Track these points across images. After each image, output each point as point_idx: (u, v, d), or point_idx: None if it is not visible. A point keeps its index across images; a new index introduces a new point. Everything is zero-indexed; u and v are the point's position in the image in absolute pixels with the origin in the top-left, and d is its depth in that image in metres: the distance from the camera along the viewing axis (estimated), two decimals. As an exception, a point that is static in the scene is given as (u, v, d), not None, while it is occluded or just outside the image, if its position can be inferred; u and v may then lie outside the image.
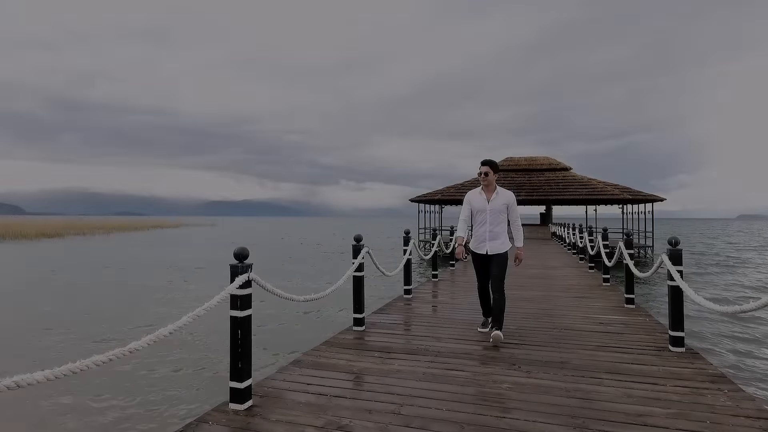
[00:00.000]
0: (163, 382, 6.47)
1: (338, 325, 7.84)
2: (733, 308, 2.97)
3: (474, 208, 4.90)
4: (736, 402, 3.24)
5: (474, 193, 4.98)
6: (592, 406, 3.17)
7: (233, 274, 3.12)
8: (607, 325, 5.55)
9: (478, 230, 4.91)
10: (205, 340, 8.50)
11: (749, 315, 10.57)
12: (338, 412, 3.07)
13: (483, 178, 4.85)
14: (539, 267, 12.24)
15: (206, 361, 7.38)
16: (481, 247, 4.89)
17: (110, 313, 11.07)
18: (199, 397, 5.89)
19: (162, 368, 7.04)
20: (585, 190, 31.27)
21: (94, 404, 5.69)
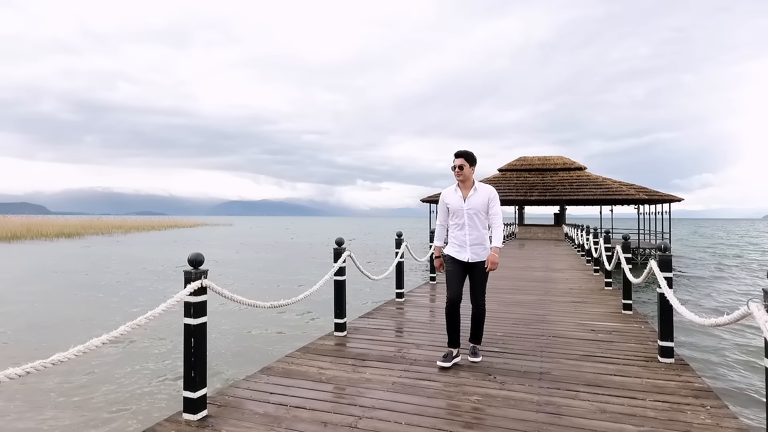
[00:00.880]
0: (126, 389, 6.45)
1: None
2: (709, 320, 2.78)
3: (450, 209, 4.22)
4: (717, 420, 3.04)
5: (449, 191, 4.24)
6: (559, 422, 3.00)
7: (186, 280, 3.03)
8: (598, 332, 5.35)
9: (456, 234, 4.19)
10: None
11: (727, 328, 10.19)
12: (293, 425, 2.96)
13: (457, 173, 4.11)
14: (543, 269, 11.98)
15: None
16: (461, 253, 4.17)
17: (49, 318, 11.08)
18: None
19: (132, 376, 7.03)
20: (599, 190, 30.69)
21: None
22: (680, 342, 8.87)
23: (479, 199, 4.12)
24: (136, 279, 17.35)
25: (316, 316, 10.73)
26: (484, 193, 4.15)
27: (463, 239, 4.16)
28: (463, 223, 4.14)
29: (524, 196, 31.76)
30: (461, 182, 4.16)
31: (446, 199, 4.24)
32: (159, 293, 14.10)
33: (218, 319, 10.37)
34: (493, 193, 4.20)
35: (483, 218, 4.15)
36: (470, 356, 4.23)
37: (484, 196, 4.14)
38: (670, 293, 3.86)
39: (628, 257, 6.42)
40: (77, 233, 47.31)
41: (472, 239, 4.13)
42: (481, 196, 4.13)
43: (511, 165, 35.93)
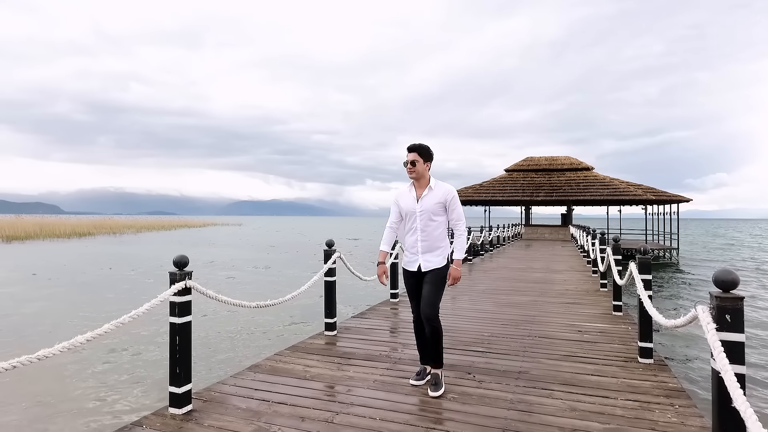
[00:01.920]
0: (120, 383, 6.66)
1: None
2: (669, 322, 2.87)
3: (402, 210, 3.71)
4: (683, 419, 3.13)
5: (402, 191, 3.76)
6: (529, 419, 3.12)
7: (171, 281, 3.19)
8: (584, 333, 5.43)
9: (407, 240, 3.70)
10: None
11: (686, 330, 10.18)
12: (272, 419, 3.11)
13: (409, 170, 3.60)
14: (543, 270, 12.03)
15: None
16: (412, 262, 3.67)
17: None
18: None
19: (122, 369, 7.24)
20: (607, 190, 30.51)
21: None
22: (691, 342, 8.89)
23: (434, 199, 3.59)
24: (135, 278, 17.67)
25: (313, 317, 10.91)
26: (440, 193, 3.61)
27: (414, 246, 3.65)
28: (416, 228, 3.63)
29: (531, 196, 31.68)
30: (415, 180, 3.67)
31: (398, 200, 3.74)
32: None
33: (214, 320, 10.59)
34: (452, 194, 3.63)
35: (439, 222, 3.62)
36: (430, 388, 3.53)
37: (440, 196, 3.60)
38: (645, 295, 3.95)
39: (618, 258, 6.48)
40: (89, 233, 48.07)
41: (424, 246, 3.62)
42: (437, 197, 3.60)
43: (518, 165, 35.85)
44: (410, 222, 3.67)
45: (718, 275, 2.25)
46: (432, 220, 3.60)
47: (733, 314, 2.18)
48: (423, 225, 3.61)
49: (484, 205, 34.75)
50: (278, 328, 10.08)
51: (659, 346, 8.54)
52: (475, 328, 5.67)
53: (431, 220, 3.60)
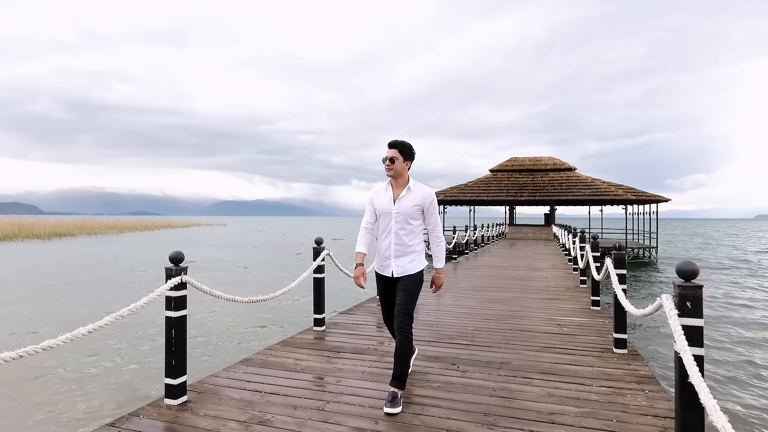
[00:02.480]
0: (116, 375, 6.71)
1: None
2: (638, 311, 3.09)
3: (377, 210, 3.48)
4: (652, 402, 3.35)
5: (379, 189, 3.54)
6: (509, 405, 3.30)
7: (167, 276, 3.30)
8: (563, 326, 5.66)
9: (381, 242, 3.48)
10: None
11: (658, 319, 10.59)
12: (265, 408, 3.24)
13: (387, 167, 3.38)
14: (526, 268, 12.31)
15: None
16: (385, 266, 3.46)
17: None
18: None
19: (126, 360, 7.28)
20: (588, 190, 31.12)
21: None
22: (669, 339, 9.22)
23: (412, 201, 3.39)
24: (119, 278, 17.55)
25: (302, 313, 11.01)
26: (419, 196, 3.40)
27: (388, 250, 3.44)
28: (390, 230, 3.41)
29: (515, 196, 32.15)
30: (392, 179, 3.46)
31: (374, 199, 3.51)
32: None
33: (206, 315, 10.62)
34: (431, 198, 3.43)
35: (415, 226, 3.42)
36: (386, 405, 3.17)
37: (419, 199, 3.40)
38: (620, 288, 4.17)
39: (596, 256, 6.74)
40: (70, 233, 47.27)
41: (398, 250, 3.41)
42: (415, 199, 3.39)
43: (503, 165, 36.33)
44: (384, 223, 3.44)
45: (681, 266, 2.46)
46: (408, 224, 3.39)
47: (693, 301, 2.38)
48: (398, 228, 3.39)
49: (469, 205, 35.14)
50: (253, 329, 10.16)
51: (641, 342, 8.86)
52: (459, 323, 5.86)
53: (407, 224, 3.39)
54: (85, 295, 13.83)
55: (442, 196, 33.58)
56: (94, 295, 13.81)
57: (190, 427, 2.96)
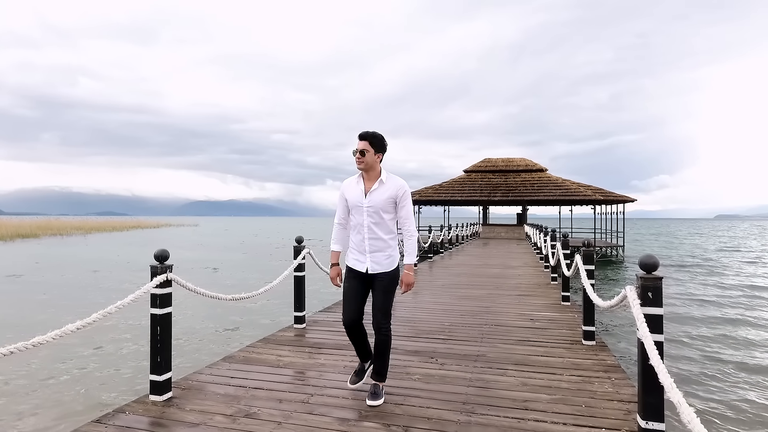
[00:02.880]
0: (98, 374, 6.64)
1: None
2: (605, 303, 3.30)
3: (349, 204, 3.37)
4: (618, 388, 3.58)
5: (350, 182, 3.40)
6: (486, 394, 3.47)
7: (153, 274, 3.34)
8: (535, 321, 5.89)
9: (355, 238, 3.37)
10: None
11: (620, 310, 11.10)
12: (251, 402, 3.32)
13: (358, 159, 3.24)
14: (500, 266, 12.63)
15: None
16: (359, 261, 3.34)
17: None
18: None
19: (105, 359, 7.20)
20: (559, 191, 31.93)
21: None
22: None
23: (385, 194, 3.26)
24: (90, 280, 17.13)
25: (279, 312, 11.02)
26: (391, 187, 3.27)
27: (362, 245, 3.32)
28: (363, 224, 3.29)
29: (488, 196, 32.71)
30: (364, 172, 3.33)
31: (345, 192, 3.39)
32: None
33: (187, 314, 10.52)
34: (404, 189, 3.31)
35: (389, 219, 3.31)
36: (368, 397, 3.28)
37: (392, 190, 3.26)
38: (588, 283, 4.41)
39: (567, 253, 7.02)
40: (33, 234, 45.64)
41: (372, 245, 3.30)
42: (388, 191, 3.26)
43: (476, 166, 36.90)
44: (357, 218, 3.33)
45: (643, 260, 2.67)
46: (381, 218, 3.27)
47: (653, 292, 2.59)
48: (371, 222, 3.28)
49: (443, 205, 35.55)
50: (243, 320, 10.13)
51: (608, 338, 9.23)
52: (435, 319, 6.03)
53: (380, 217, 3.27)
54: (46, 299, 13.46)
55: (418, 196, 33.88)
56: (55, 299, 13.44)
57: (177, 421, 3.01)
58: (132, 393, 5.91)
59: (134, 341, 8.67)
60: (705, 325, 10.66)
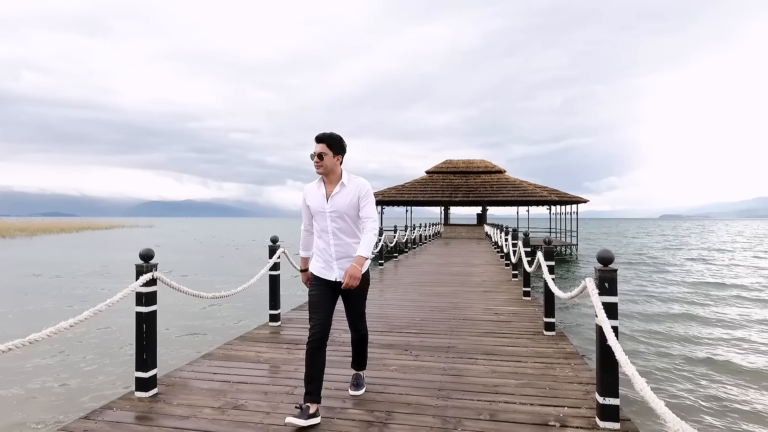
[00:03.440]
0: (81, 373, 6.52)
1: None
2: (565, 294, 3.64)
3: (312, 210, 3.21)
4: (577, 372, 3.93)
5: (311, 188, 3.25)
6: (459, 381, 3.74)
7: (138, 273, 3.41)
8: (500, 315, 6.25)
9: (319, 244, 3.22)
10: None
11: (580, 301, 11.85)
12: (237, 395, 3.44)
13: (316, 163, 3.07)
14: (462, 265, 13.06)
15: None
16: (327, 269, 3.17)
17: None
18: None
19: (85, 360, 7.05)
20: (517, 192, 33.03)
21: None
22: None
23: (348, 197, 3.11)
24: (48, 284, 16.42)
25: (247, 313, 11.00)
26: (353, 189, 3.13)
27: (328, 252, 3.16)
28: (327, 229, 3.15)
29: (449, 197, 33.43)
30: (324, 176, 3.17)
31: (306, 197, 3.24)
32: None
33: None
34: (366, 188, 3.17)
35: (353, 222, 3.17)
36: (351, 388, 3.46)
37: (353, 192, 3.12)
38: (549, 277, 4.77)
39: (527, 251, 7.44)
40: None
41: (339, 251, 3.14)
42: (350, 193, 3.12)
43: (438, 167, 37.60)
44: (321, 223, 3.17)
45: (600, 254, 2.99)
46: (345, 221, 3.14)
47: (609, 282, 2.92)
48: (335, 227, 3.14)
49: (406, 206, 36.02)
50: (216, 321, 10.06)
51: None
52: (406, 315, 6.28)
53: (345, 222, 3.13)
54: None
55: (380, 196, 34.19)
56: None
57: (166, 415, 3.10)
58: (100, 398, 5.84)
59: (96, 349, 8.47)
60: (651, 320, 11.43)
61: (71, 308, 11.87)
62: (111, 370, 7.10)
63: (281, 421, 3.00)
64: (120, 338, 8.83)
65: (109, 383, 6.53)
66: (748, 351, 8.44)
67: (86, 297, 13.69)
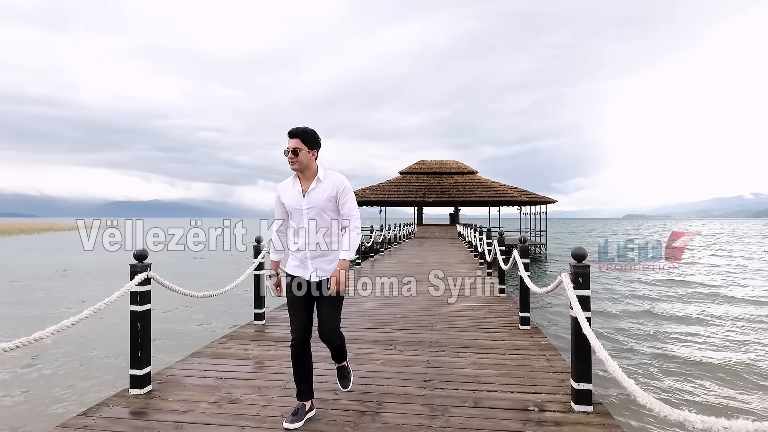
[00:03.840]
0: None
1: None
2: (541, 290, 3.90)
3: (287, 207, 3.07)
4: (552, 362, 4.20)
5: (285, 185, 3.11)
6: (443, 372, 3.95)
7: (132, 273, 3.48)
8: (477, 311, 6.51)
9: (294, 243, 3.07)
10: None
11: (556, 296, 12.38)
12: (231, 390, 3.56)
13: (291, 159, 2.94)
14: (437, 264, 13.34)
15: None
16: (302, 268, 3.03)
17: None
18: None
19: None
20: (489, 192, 33.71)
21: None
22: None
23: (324, 193, 2.98)
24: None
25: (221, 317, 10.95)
26: (330, 185, 3.00)
27: (302, 252, 3.03)
28: (303, 227, 3.02)
29: (423, 197, 33.83)
30: (299, 172, 3.03)
31: (281, 195, 3.09)
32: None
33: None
34: (344, 184, 3.03)
35: (331, 220, 3.03)
36: (341, 383, 3.42)
37: (331, 188, 2.99)
38: (525, 274, 5.04)
39: (503, 249, 7.74)
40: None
41: (314, 252, 3.01)
42: (327, 189, 2.99)
43: (411, 168, 37.97)
44: (296, 221, 3.04)
45: (575, 251, 3.25)
46: (323, 218, 3.00)
47: (583, 277, 3.18)
48: (312, 225, 3.00)
49: (379, 206, 36.24)
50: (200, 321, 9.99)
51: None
52: (388, 312, 6.46)
53: (322, 218, 3.00)
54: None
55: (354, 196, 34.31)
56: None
57: (164, 410, 3.20)
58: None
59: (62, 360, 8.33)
60: (618, 317, 11.97)
61: (30, 314, 11.51)
62: (90, 374, 7.02)
63: (278, 413, 3.14)
64: (92, 345, 8.70)
65: (84, 389, 6.47)
66: (702, 346, 8.99)
67: (42, 301, 13.21)
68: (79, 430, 2.91)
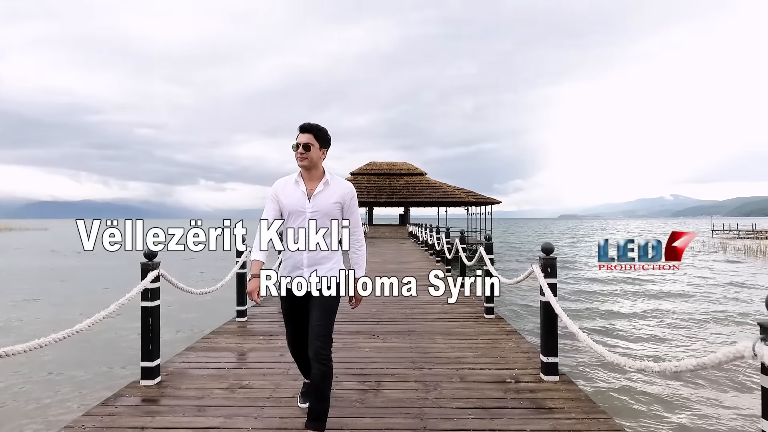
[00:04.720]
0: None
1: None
2: (511, 281, 4.48)
3: (285, 208, 2.82)
4: (518, 344, 4.79)
5: (286, 183, 2.87)
6: (427, 355, 4.43)
7: (144, 271, 3.69)
8: (444, 304, 7.07)
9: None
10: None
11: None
12: (239, 378, 3.85)
13: (300, 155, 2.74)
14: (395, 263, 13.89)
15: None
16: (296, 273, 2.81)
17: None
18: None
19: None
20: (437, 193, 34.80)
21: None
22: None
23: (332, 197, 2.80)
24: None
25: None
26: (338, 191, 2.83)
27: (299, 257, 2.79)
28: (303, 228, 2.79)
29: (374, 198, 34.37)
30: (305, 170, 2.82)
31: (280, 194, 2.84)
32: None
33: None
34: (352, 193, 2.89)
35: (333, 227, 2.82)
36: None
37: (339, 194, 2.83)
38: (492, 268, 5.63)
39: (464, 247, 8.36)
40: None
41: (312, 258, 2.79)
42: (336, 194, 2.82)
43: (362, 169, 38.44)
44: (295, 224, 2.80)
45: (544, 246, 3.83)
46: (325, 224, 2.79)
47: (551, 267, 3.77)
48: (312, 225, 2.77)
49: (330, 207, 36.31)
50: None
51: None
52: (363, 307, 6.84)
53: (324, 224, 2.79)
54: None
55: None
56: None
57: (180, 397, 3.45)
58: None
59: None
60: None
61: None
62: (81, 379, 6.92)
63: (289, 394, 3.49)
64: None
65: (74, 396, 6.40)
66: (630, 339, 10.09)
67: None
68: (105, 417, 3.12)
